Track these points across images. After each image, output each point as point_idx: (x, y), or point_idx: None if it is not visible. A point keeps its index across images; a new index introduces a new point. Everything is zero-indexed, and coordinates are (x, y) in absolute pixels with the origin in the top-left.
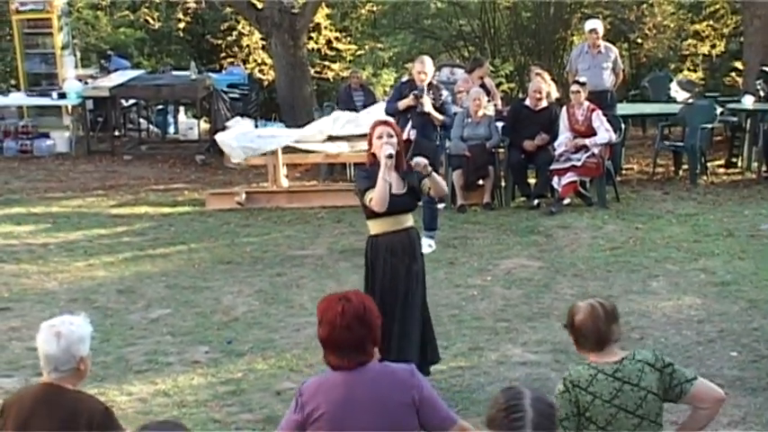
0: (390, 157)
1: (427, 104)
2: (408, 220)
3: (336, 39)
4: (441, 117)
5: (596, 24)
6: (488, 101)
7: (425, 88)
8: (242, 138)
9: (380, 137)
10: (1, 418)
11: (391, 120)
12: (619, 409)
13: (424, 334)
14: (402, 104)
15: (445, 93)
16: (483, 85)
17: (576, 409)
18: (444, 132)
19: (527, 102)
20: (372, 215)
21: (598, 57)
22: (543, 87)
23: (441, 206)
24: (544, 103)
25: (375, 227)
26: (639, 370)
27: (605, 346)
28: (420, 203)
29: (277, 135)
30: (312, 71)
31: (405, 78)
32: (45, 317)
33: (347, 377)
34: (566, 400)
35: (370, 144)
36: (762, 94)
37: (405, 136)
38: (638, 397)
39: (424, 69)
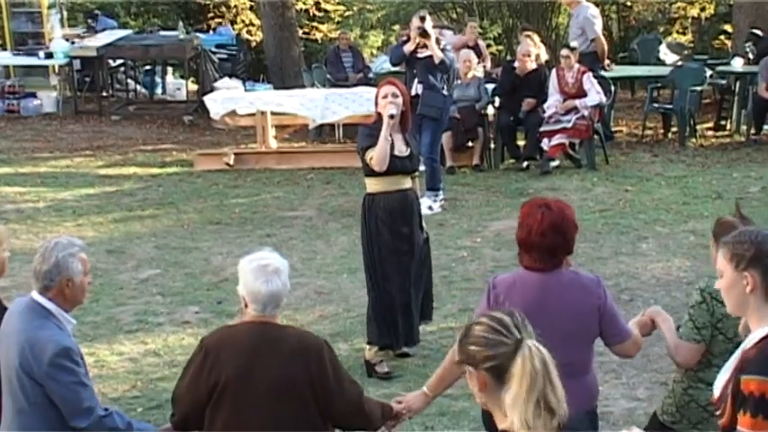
0: (392, 117)
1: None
2: (407, 182)
3: (324, 0)
4: (440, 54)
5: None
6: (478, 62)
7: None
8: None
9: (386, 96)
10: (205, 359)
11: (397, 80)
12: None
13: (425, 292)
14: (407, 48)
15: (444, 39)
16: (475, 46)
17: (711, 319)
18: (449, 82)
19: (515, 64)
20: (371, 173)
21: (572, 19)
22: (532, 50)
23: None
24: (532, 66)
25: (372, 185)
26: None
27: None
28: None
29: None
30: (300, 32)
31: (404, 36)
32: (29, 274)
33: (541, 278)
34: (702, 310)
35: (376, 103)
36: (751, 56)
37: (413, 92)
38: None
39: (419, 26)
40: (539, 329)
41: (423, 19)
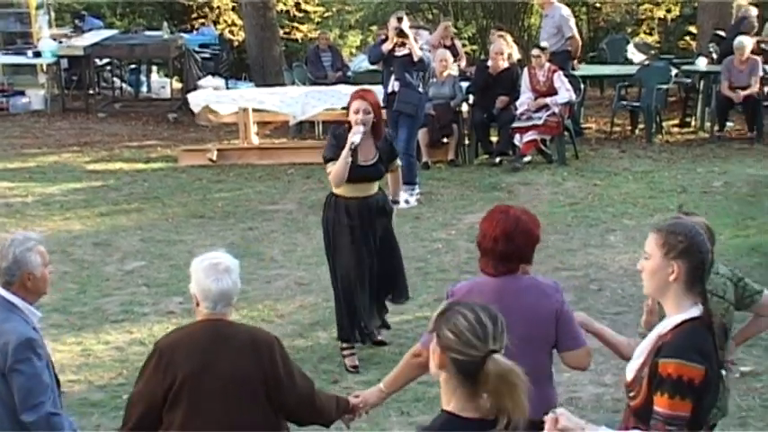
0: (353, 144)
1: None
2: (372, 189)
3: (305, 0)
4: (419, 52)
5: None
6: (454, 61)
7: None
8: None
9: (357, 112)
10: (159, 361)
11: (372, 91)
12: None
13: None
14: (385, 47)
15: (420, 40)
16: (452, 46)
17: None
18: (424, 80)
19: (488, 63)
20: None
21: (545, 19)
22: (504, 49)
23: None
24: (505, 64)
25: (337, 189)
26: (724, 284)
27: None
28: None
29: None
30: (281, 32)
31: (382, 36)
32: None
33: (497, 283)
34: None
35: (348, 110)
36: (714, 56)
37: (389, 89)
38: (723, 308)
39: (396, 26)
40: None
41: (400, 20)
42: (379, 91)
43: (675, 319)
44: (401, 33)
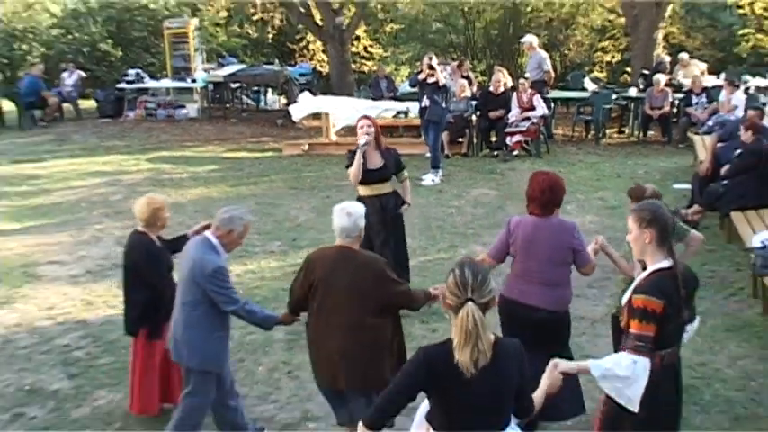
0: (365, 144)
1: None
2: (384, 189)
3: (370, 45)
4: (443, 80)
5: (528, 39)
6: (469, 86)
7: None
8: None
9: (361, 128)
10: (307, 267)
11: (371, 116)
12: None
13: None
14: (420, 77)
15: (445, 71)
16: (468, 77)
17: None
18: (446, 98)
19: (491, 88)
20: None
21: (530, 59)
22: (502, 79)
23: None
24: (502, 88)
25: (359, 190)
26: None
27: None
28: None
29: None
30: (353, 66)
31: (418, 70)
32: (178, 221)
33: (536, 221)
34: None
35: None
36: (641, 87)
37: (422, 104)
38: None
39: (428, 62)
40: (532, 253)
41: (430, 58)
42: (415, 106)
43: (651, 268)
44: (431, 68)
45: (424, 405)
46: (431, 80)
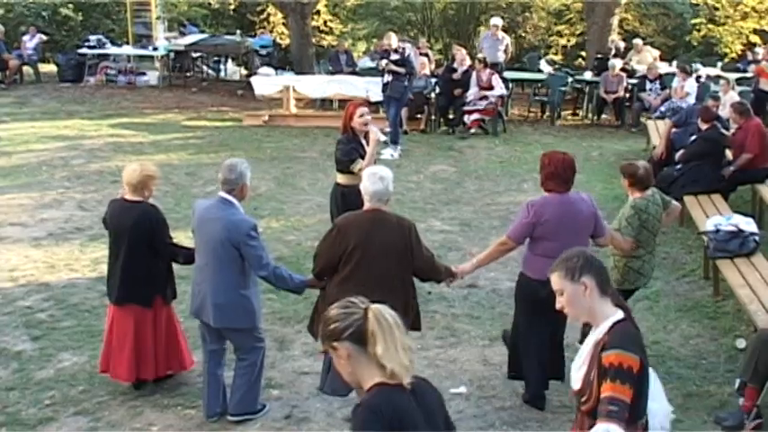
0: (383, 142)
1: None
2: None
3: (330, 20)
4: (402, 70)
5: (498, 21)
6: (429, 64)
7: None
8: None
9: (362, 115)
10: (338, 234)
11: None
12: (657, 221)
13: None
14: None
15: (408, 49)
16: (427, 54)
17: (640, 222)
18: (411, 76)
19: (454, 65)
20: (345, 171)
21: (496, 42)
22: (466, 58)
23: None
24: (464, 68)
25: (344, 179)
26: (655, 196)
27: (649, 186)
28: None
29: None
30: (314, 40)
31: (380, 47)
32: None
33: (560, 198)
34: (634, 218)
35: (350, 118)
36: (596, 71)
37: (384, 80)
38: (661, 209)
39: (390, 42)
40: (563, 229)
41: (390, 36)
42: (376, 90)
43: (606, 323)
44: (396, 51)
45: None
46: (392, 57)
